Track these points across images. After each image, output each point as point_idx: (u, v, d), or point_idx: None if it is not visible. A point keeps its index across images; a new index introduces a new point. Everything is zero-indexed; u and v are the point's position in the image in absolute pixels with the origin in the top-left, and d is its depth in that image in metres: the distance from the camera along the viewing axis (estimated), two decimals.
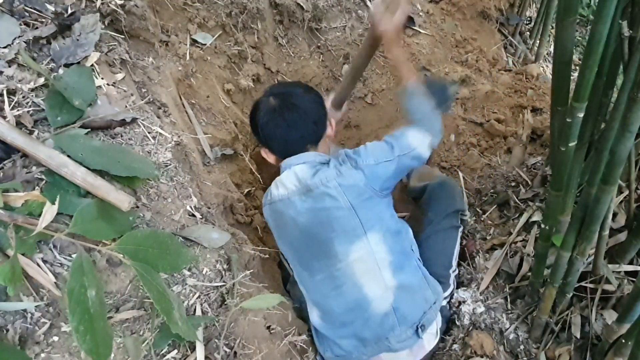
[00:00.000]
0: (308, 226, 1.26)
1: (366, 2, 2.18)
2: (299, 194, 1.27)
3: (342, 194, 1.24)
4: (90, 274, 0.87)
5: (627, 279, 1.27)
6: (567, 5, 0.91)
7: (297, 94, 1.35)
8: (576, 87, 0.93)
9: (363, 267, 1.26)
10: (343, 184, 1.24)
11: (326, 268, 1.28)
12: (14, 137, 0.98)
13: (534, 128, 1.86)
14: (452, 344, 1.43)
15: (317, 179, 1.25)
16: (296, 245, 1.32)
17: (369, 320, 1.27)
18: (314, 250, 1.28)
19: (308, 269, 1.31)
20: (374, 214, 1.28)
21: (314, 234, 1.26)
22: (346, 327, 1.29)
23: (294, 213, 1.26)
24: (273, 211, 1.33)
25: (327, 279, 1.28)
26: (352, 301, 1.27)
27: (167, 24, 1.66)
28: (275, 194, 1.31)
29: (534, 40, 2.59)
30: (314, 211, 1.25)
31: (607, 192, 0.98)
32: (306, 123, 1.32)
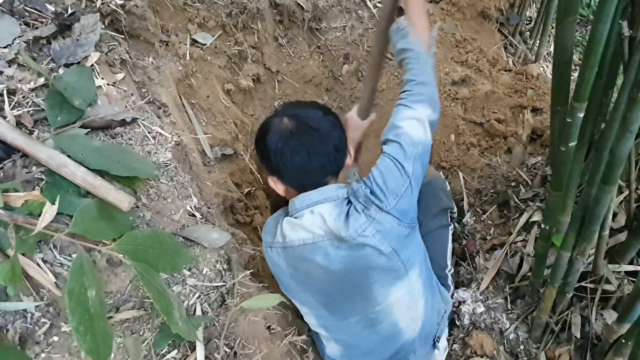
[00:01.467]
0: (343, 272, 1.13)
1: (366, 2, 2.18)
2: (330, 239, 1.11)
3: (382, 240, 1.11)
4: (90, 274, 0.87)
5: (627, 279, 1.27)
6: (567, 5, 0.91)
7: (316, 116, 1.14)
8: (576, 87, 0.93)
9: (402, 305, 1.21)
10: (380, 230, 1.11)
11: (362, 311, 1.20)
12: (14, 137, 0.98)
13: (534, 128, 1.86)
14: (452, 344, 1.43)
15: (352, 230, 1.09)
16: (325, 291, 1.19)
17: (399, 350, 1.27)
18: (348, 296, 1.18)
19: (339, 313, 1.22)
20: (413, 250, 1.21)
21: (350, 279, 1.15)
22: (372, 356, 1.28)
23: (325, 260, 1.12)
24: (290, 257, 1.16)
25: (361, 321, 1.21)
26: (386, 336, 1.24)
27: (167, 24, 1.66)
28: (294, 238, 1.14)
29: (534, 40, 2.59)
30: (352, 259, 1.12)
31: (607, 192, 0.98)
32: (327, 150, 1.12)
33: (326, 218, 1.12)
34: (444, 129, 2.07)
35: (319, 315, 1.24)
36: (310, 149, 1.11)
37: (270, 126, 1.14)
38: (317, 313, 1.24)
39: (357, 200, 1.12)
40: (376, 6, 2.19)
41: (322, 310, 1.23)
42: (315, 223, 1.13)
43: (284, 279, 1.22)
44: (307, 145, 1.10)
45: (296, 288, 1.21)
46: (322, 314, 1.23)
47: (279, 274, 1.22)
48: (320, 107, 1.22)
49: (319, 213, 1.12)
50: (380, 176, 1.12)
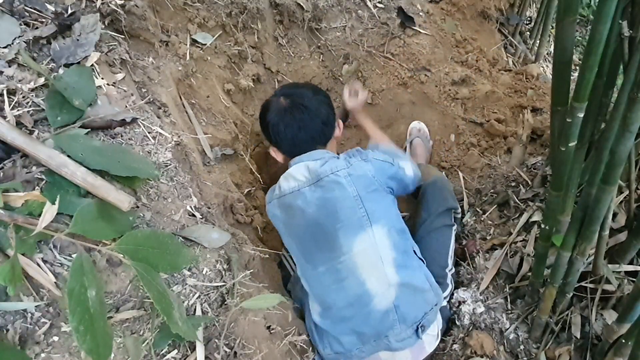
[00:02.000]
0: (315, 217, 1.28)
1: (366, 2, 2.18)
2: (308, 184, 1.31)
3: (350, 183, 1.28)
4: (90, 274, 0.87)
5: (627, 279, 1.27)
6: (567, 5, 0.91)
7: (307, 95, 1.40)
8: (576, 87, 0.93)
9: (366, 261, 1.27)
10: (352, 173, 1.30)
11: (329, 260, 1.29)
12: (14, 137, 0.98)
13: (534, 128, 1.86)
14: (452, 344, 1.43)
15: (327, 167, 1.30)
16: (302, 236, 1.33)
17: (369, 316, 1.27)
18: (318, 242, 1.30)
19: (311, 261, 1.32)
20: (381, 207, 1.31)
21: (320, 224, 1.28)
22: (346, 322, 1.29)
23: (303, 203, 1.29)
24: (282, 205, 1.35)
25: (329, 272, 1.29)
26: (354, 295, 1.28)
27: (167, 24, 1.66)
28: (285, 187, 1.34)
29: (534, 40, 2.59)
30: (323, 200, 1.28)
31: (607, 192, 0.98)
32: (315, 124, 1.38)
33: (310, 166, 1.33)
34: (444, 129, 2.07)
35: (300, 265, 1.37)
36: (300, 123, 1.37)
37: (270, 104, 1.42)
38: (298, 261, 1.38)
39: (346, 154, 1.36)
40: (376, 6, 2.19)
41: (301, 259, 1.36)
42: (300, 171, 1.34)
43: (279, 227, 1.39)
44: (298, 120, 1.37)
45: (285, 234, 1.38)
46: (302, 262, 1.36)
47: (277, 223, 1.39)
48: (312, 87, 1.50)
49: (306, 164, 1.35)
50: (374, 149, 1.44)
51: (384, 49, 2.16)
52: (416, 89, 2.13)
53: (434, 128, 2.09)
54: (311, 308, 1.36)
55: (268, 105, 1.43)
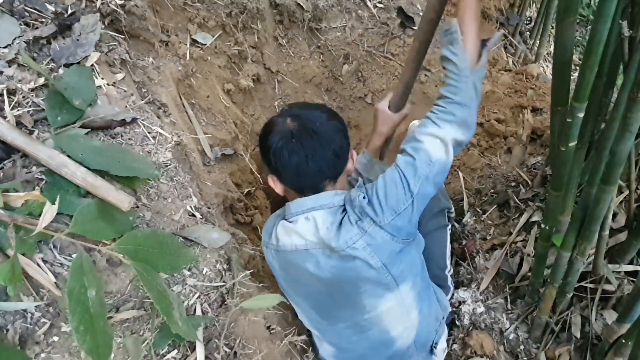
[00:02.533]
0: (332, 282, 1.13)
1: (366, 2, 2.18)
2: (321, 247, 1.11)
3: (372, 255, 1.09)
4: (90, 274, 0.87)
5: (627, 279, 1.27)
6: (567, 5, 0.91)
7: (320, 119, 1.13)
8: (576, 87, 0.93)
9: (393, 316, 1.19)
10: (371, 244, 1.08)
11: (351, 318, 1.19)
12: (14, 137, 0.98)
13: (534, 128, 1.86)
14: (452, 344, 1.43)
15: (343, 241, 1.08)
16: (315, 296, 1.19)
17: (393, 357, 1.26)
18: (337, 302, 1.17)
19: (328, 318, 1.22)
20: (406, 265, 1.16)
21: (340, 289, 1.14)
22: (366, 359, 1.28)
23: (315, 268, 1.12)
24: (283, 260, 1.18)
25: (351, 327, 1.21)
26: (377, 341, 1.23)
27: (167, 24, 1.66)
28: (286, 243, 1.14)
29: (534, 40, 2.59)
30: (341, 269, 1.11)
31: (607, 192, 0.98)
32: (327, 154, 1.11)
33: (319, 226, 1.10)
34: None
35: (311, 318, 1.26)
36: (309, 151, 1.09)
37: (273, 125, 1.13)
38: (309, 316, 1.26)
39: (352, 210, 1.10)
40: (376, 6, 2.19)
41: (313, 314, 1.24)
42: (308, 230, 1.12)
43: (277, 279, 1.25)
44: (306, 148, 1.09)
45: (289, 290, 1.24)
46: (314, 317, 1.25)
47: (274, 273, 1.25)
48: (326, 110, 1.19)
49: (314, 219, 1.12)
50: (382, 188, 1.09)
51: (384, 49, 2.16)
52: (416, 89, 2.13)
53: None
54: (320, 347, 1.31)
55: (272, 125, 1.14)
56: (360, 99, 2.16)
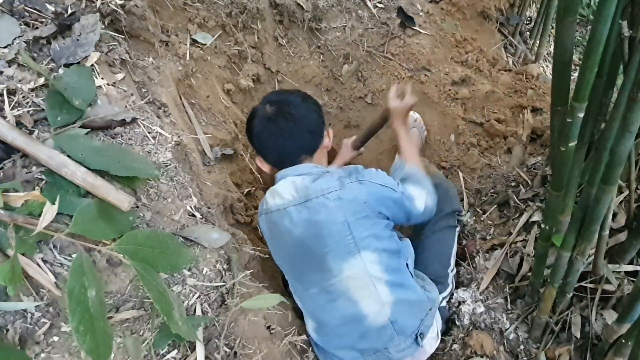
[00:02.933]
0: (302, 239, 1.22)
1: (366, 2, 2.18)
2: (295, 204, 1.24)
3: (339, 207, 1.20)
4: (90, 274, 0.87)
5: (627, 279, 1.27)
6: (567, 5, 0.91)
7: (294, 102, 1.32)
8: (576, 87, 0.93)
9: (358, 284, 1.23)
10: (343, 197, 1.21)
11: (320, 282, 1.25)
12: (14, 137, 0.98)
13: (534, 128, 1.86)
14: (452, 344, 1.43)
15: (318, 186, 1.22)
16: (291, 257, 1.29)
17: (366, 333, 1.25)
18: (308, 264, 1.25)
19: (302, 281, 1.29)
20: (370, 233, 1.23)
21: (308, 246, 1.23)
22: (342, 338, 1.27)
23: (289, 224, 1.23)
24: (269, 221, 1.30)
25: (320, 293, 1.25)
26: (348, 315, 1.24)
27: (167, 24, 1.66)
28: (271, 204, 1.28)
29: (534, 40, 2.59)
30: (309, 223, 1.21)
31: (607, 192, 0.98)
32: (302, 133, 1.30)
33: (297, 185, 1.26)
34: (444, 129, 2.07)
35: (292, 284, 1.33)
36: (285, 132, 1.28)
37: (255, 112, 1.34)
38: (290, 281, 1.34)
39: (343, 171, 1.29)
40: (376, 6, 2.19)
41: (292, 279, 1.33)
42: (287, 189, 1.27)
43: (269, 245, 1.35)
44: (283, 129, 1.28)
45: (273, 251, 1.34)
46: (292, 281, 1.33)
47: (267, 240, 1.35)
48: (300, 94, 1.39)
49: (293, 182, 1.27)
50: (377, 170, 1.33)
51: (384, 49, 2.16)
52: (416, 89, 2.13)
53: (433, 128, 2.09)
54: (306, 323, 1.34)
55: (254, 112, 1.35)
56: (360, 99, 2.16)
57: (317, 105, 1.38)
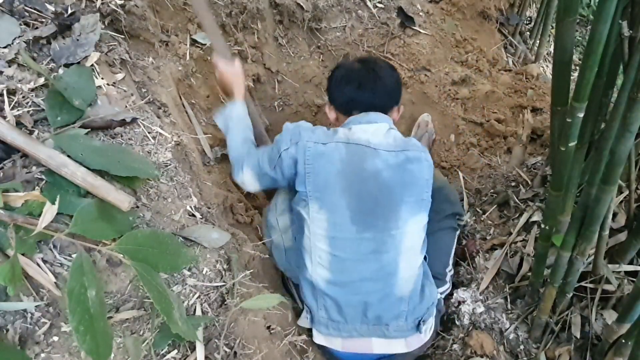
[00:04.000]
0: (389, 181, 1.25)
1: (366, 2, 2.18)
2: (393, 150, 1.27)
3: (427, 168, 1.31)
4: (90, 274, 0.87)
5: (627, 279, 1.27)
6: (567, 5, 0.91)
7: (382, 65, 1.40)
8: (576, 87, 0.93)
9: (410, 243, 1.28)
10: (429, 161, 1.33)
11: (380, 229, 1.25)
12: (14, 137, 0.98)
13: (534, 128, 1.87)
14: (452, 344, 1.43)
15: (417, 144, 1.31)
16: (362, 195, 1.25)
17: (386, 298, 1.26)
18: (379, 207, 1.25)
19: (360, 223, 1.25)
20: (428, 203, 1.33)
21: (391, 190, 1.25)
22: (360, 295, 1.26)
23: (382, 164, 1.25)
24: (352, 152, 1.25)
25: (374, 240, 1.25)
26: (384, 273, 1.26)
27: (167, 24, 1.66)
28: (361, 137, 1.27)
29: (534, 40, 2.59)
30: (403, 170, 1.26)
31: (607, 192, 0.98)
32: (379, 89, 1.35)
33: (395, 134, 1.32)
34: (444, 129, 2.07)
35: (336, 223, 1.25)
36: (364, 83, 1.34)
37: (342, 64, 1.44)
38: (337, 220, 1.25)
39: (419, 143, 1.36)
40: (376, 6, 2.19)
41: (344, 216, 1.24)
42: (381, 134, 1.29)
43: (324, 174, 1.25)
44: (363, 80, 1.34)
45: (336, 185, 1.25)
46: (343, 220, 1.25)
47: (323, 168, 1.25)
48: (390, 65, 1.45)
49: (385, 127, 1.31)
50: None
51: (384, 49, 2.16)
52: (416, 89, 2.13)
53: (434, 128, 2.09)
54: (314, 271, 1.29)
55: (340, 64, 1.45)
56: None
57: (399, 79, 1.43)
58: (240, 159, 1.39)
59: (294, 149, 1.27)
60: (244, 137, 1.43)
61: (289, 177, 1.31)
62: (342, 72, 1.38)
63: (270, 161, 1.32)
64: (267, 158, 1.34)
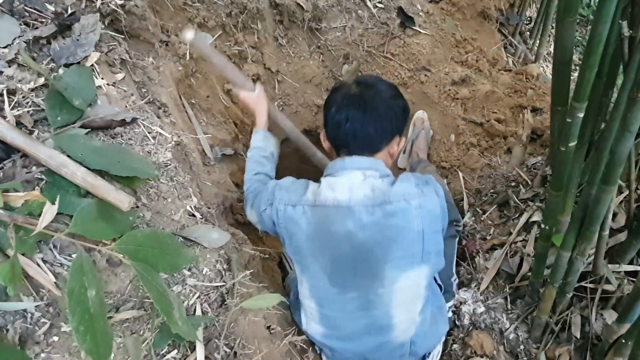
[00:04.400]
0: (366, 242, 1.12)
1: (366, 2, 2.18)
2: (366, 205, 1.12)
3: (419, 216, 1.12)
4: (90, 274, 0.87)
5: (627, 279, 1.27)
6: (567, 5, 0.91)
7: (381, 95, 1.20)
8: (576, 87, 0.93)
9: (403, 298, 1.17)
10: (424, 206, 1.12)
11: (364, 289, 1.16)
12: (14, 137, 0.98)
13: (534, 128, 1.86)
14: (452, 344, 1.43)
15: (399, 192, 1.12)
16: (338, 258, 1.15)
17: (384, 347, 1.22)
18: (358, 269, 1.15)
19: (341, 285, 1.17)
20: (437, 249, 1.20)
21: (369, 251, 1.13)
22: (357, 346, 1.23)
23: (354, 225, 1.12)
24: (319, 215, 1.14)
25: (359, 299, 1.17)
26: (377, 326, 1.19)
27: (167, 24, 1.66)
28: (329, 197, 1.14)
29: (534, 40, 2.59)
30: (382, 227, 1.11)
31: (607, 192, 0.98)
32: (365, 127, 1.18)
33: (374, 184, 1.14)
34: (444, 129, 2.07)
35: (317, 286, 1.20)
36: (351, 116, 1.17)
37: (341, 85, 1.25)
38: (316, 283, 1.20)
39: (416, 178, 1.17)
40: (376, 6, 2.19)
41: (323, 280, 1.18)
42: (355, 183, 1.14)
43: (296, 239, 1.18)
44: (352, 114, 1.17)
45: (307, 251, 1.17)
46: (322, 284, 1.19)
47: (294, 232, 1.17)
48: (394, 90, 1.25)
49: (364, 173, 1.15)
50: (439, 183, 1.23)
51: (384, 49, 2.16)
52: (416, 89, 2.13)
53: (434, 128, 2.09)
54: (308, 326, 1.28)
55: (339, 86, 1.25)
56: None
57: (403, 110, 1.24)
58: (247, 192, 1.36)
59: (269, 210, 1.22)
60: (254, 171, 1.39)
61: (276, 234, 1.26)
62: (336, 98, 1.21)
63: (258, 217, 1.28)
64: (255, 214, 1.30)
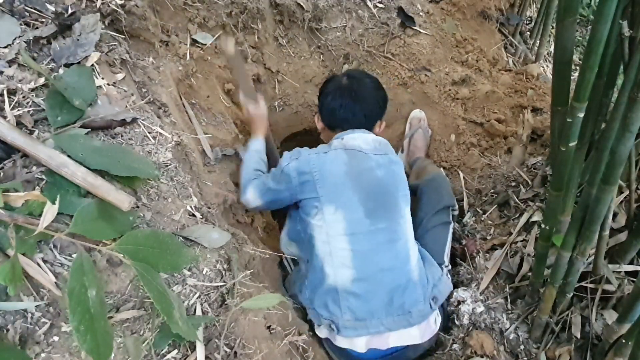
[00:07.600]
0: (383, 178, 1.43)
1: (366, 2, 2.18)
2: (376, 153, 1.46)
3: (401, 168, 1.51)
4: (90, 273, 0.87)
5: (627, 279, 1.27)
6: (567, 5, 0.91)
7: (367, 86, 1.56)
8: (576, 87, 0.93)
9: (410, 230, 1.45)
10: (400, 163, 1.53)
11: (391, 219, 1.41)
12: (14, 137, 0.98)
13: (534, 128, 1.86)
14: (452, 344, 1.43)
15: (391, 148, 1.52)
16: (370, 191, 1.40)
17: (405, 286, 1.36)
18: (385, 200, 1.42)
19: (374, 216, 1.38)
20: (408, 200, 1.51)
21: (387, 186, 1.43)
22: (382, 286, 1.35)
23: (374, 164, 1.43)
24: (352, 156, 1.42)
25: (388, 230, 1.39)
26: (400, 261, 1.38)
27: (167, 24, 1.66)
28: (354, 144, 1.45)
29: (534, 40, 2.59)
30: (389, 169, 1.45)
31: (608, 192, 0.98)
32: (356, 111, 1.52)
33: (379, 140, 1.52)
34: (444, 129, 2.07)
35: (353, 219, 1.38)
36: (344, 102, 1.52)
37: (333, 78, 1.63)
38: (353, 216, 1.38)
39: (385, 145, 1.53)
40: (376, 6, 2.19)
41: (359, 212, 1.38)
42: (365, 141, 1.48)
43: (333, 178, 1.40)
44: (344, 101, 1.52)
45: (345, 185, 1.39)
46: (358, 216, 1.38)
47: (331, 172, 1.40)
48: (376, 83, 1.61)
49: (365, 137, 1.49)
50: None
51: (384, 49, 2.16)
52: (416, 89, 2.13)
53: (434, 128, 2.09)
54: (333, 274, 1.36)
55: (332, 78, 1.63)
56: None
57: (383, 97, 1.59)
58: (247, 182, 1.52)
59: (296, 163, 1.42)
60: (255, 167, 1.56)
61: (293, 187, 1.42)
62: (330, 87, 1.56)
63: (274, 177, 1.47)
64: (270, 176, 1.49)
